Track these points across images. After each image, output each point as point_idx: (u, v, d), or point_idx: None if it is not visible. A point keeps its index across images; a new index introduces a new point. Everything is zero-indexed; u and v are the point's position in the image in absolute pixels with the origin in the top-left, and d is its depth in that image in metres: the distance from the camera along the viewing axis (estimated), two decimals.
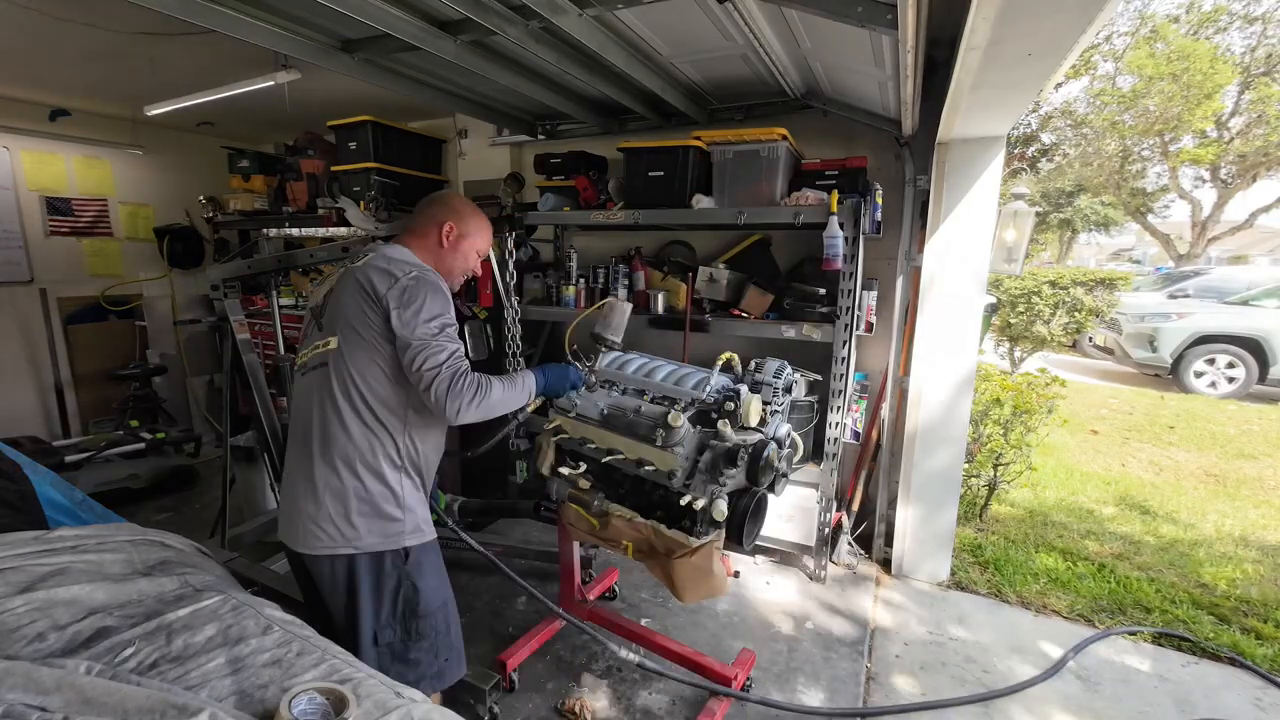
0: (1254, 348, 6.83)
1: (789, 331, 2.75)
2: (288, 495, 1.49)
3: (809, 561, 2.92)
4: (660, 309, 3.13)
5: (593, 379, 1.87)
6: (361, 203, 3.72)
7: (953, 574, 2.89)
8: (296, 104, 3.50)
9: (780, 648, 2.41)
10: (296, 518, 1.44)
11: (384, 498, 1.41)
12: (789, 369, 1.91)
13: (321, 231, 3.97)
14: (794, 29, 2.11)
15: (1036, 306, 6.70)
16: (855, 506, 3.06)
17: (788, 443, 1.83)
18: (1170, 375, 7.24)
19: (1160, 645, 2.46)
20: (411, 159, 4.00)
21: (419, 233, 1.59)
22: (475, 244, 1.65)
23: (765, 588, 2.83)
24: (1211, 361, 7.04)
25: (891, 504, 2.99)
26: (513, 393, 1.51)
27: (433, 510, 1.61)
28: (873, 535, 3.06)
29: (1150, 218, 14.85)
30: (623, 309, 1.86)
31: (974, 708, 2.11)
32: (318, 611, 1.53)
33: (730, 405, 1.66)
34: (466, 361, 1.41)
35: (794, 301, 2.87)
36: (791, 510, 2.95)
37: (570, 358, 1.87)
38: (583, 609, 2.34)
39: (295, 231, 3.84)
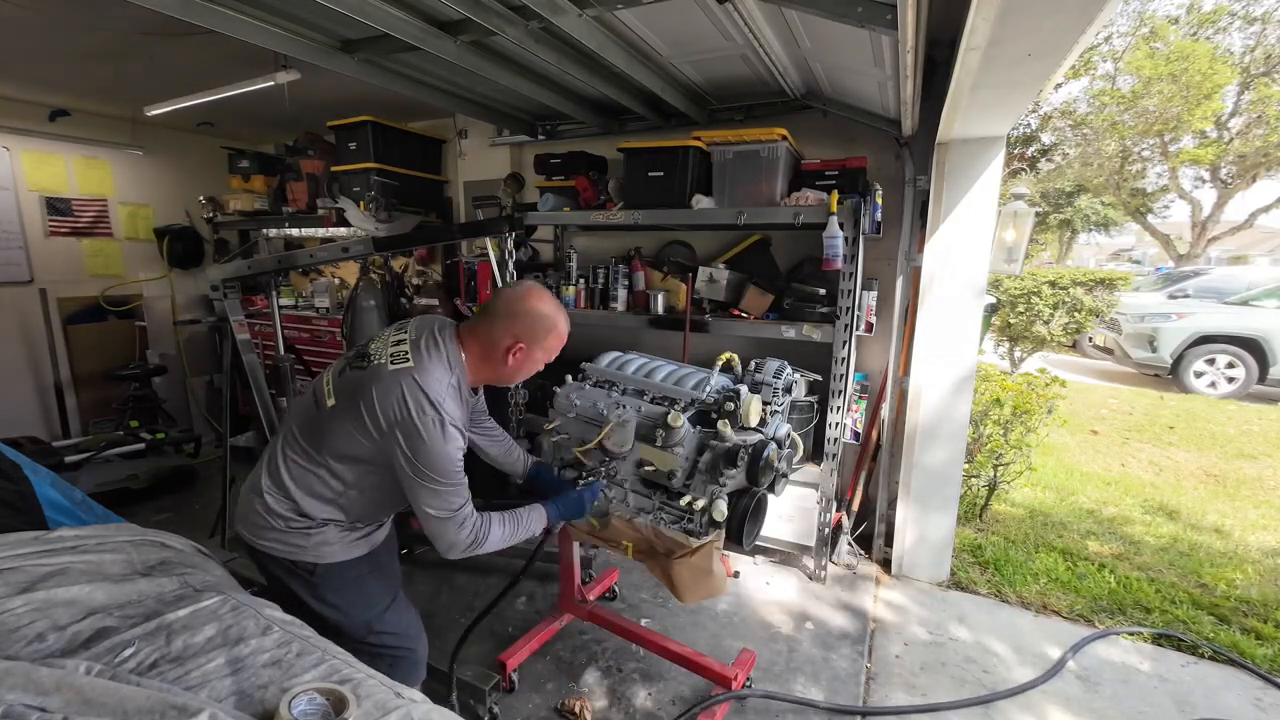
0: (1254, 348, 6.83)
1: (789, 332, 2.75)
2: (247, 482, 1.57)
3: (809, 561, 2.92)
4: (660, 309, 3.13)
5: (604, 497, 1.81)
6: (361, 203, 3.73)
7: (953, 574, 2.89)
8: (296, 104, 3.50)
9: (780, 648, 2.41)
10: (243, 514, 1.52)
11: (290, 521, 1.45)
12: (789, 369, 1.92)
13: (321, 231, 3.98)
14: (794, 29, 2.11)
15: (1036, 307, 6.70)
16: (855, 506, 3.06)
17: (788, 443, 1.83)
18: (1170, 375, 7.24)
19: (1160, 645, 2.46)
20: (411, 159, 4.00)
21: (483, 340, 1.46)
22: (541, 358, 1.52)
23: (765, 588, 2.83)
24: (1211, 361, 7.04)
25: (891, 504, 2.99)
26: (515, 532, 1.51)
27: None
28: (873, 535, 3.06)
29: (1150, 218, 14.85)
30: (628, 429, 1.76)
31: (974, 708, 2.11)
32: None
33: (730, 405, 1.66)
34: (469, 505, 1.41)
35: (794, 302, 2.87)
36: (791, 510, 2.95)
37: (584, 475, 1.80)
38: (583, 609, 2.34)
39: (295, 231, 3.86)
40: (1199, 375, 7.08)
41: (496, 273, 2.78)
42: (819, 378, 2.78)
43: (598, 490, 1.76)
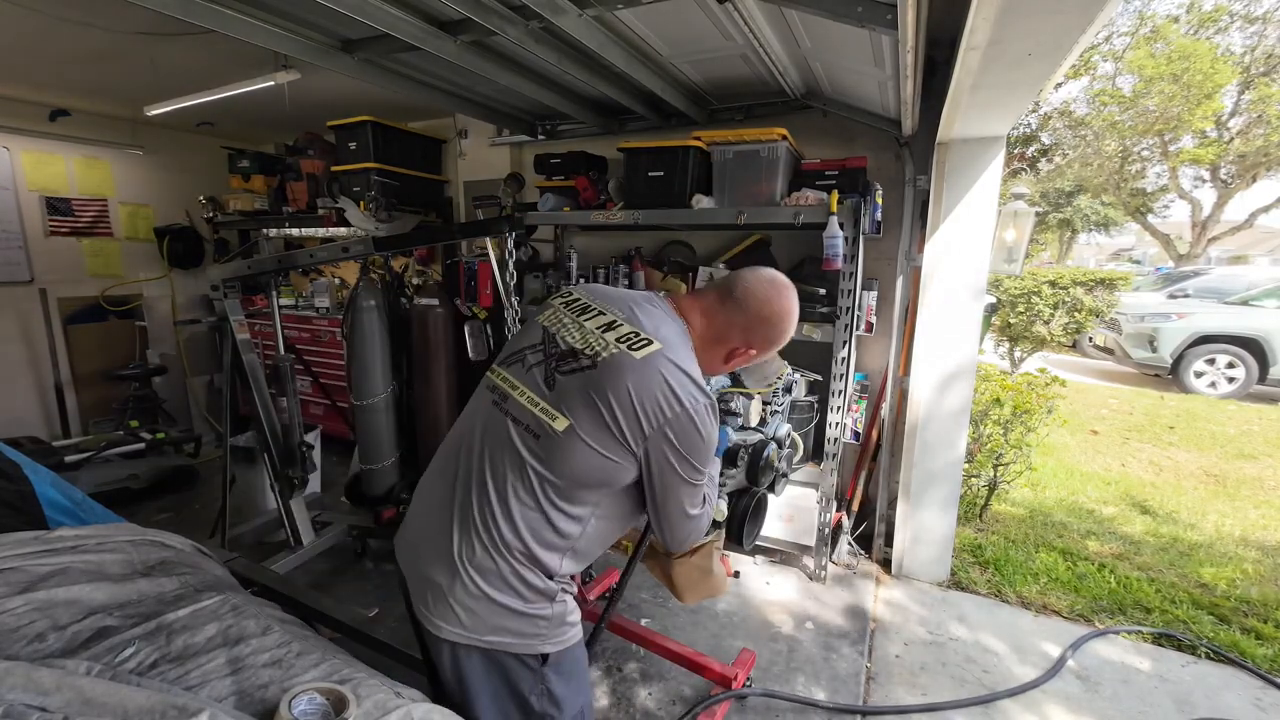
0: (1254, 348, 6.83)
1: None
2: (418, 543, 1.21)
3: (809, 561, 2.92)
4: None
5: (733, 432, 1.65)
6: (361, 203, 3.73)
7: (953, 574, 2.89)
8: (296, 104, 3.50)
9: (780, 647, 2.41)
10: (426, 582, 1.16)
11: (533, 591, 1.11)
12: (789, 369, 1.92)
13: (321, 231, 3.98)
14: (794, 29, 2.11)
15: (1036, 306, 6.70)
16: (855, 506, 3.06)
17: (788, 442, 1.83)
18: (1170, 375, 7.24)
19: (1160, 645, 2.46)
20: (411, 159, 4.00)
21: (715, 326, 1.20)
22: (758, 358, 1.29)
23: (765, 587, 2.83)
24: (1211, 361, 7.03)
25: (891, 504, 2.99)
26: (714, 492, 1.27)
27: None
28: (873, 535, 3.06)
29: (1150, 218, 14.86)
30: (775, 363, 1.65)
31: (974, 707, 2.11)
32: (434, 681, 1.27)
33: (730, 405, 1.66)
34: (707, 500, 1.20)
35: None
36: (791, 510, 2.95)
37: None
38: (583, 609, 2.33)
39: (295, 231, 3.85)
40: (1199, 375, 7.08)
41: (496, 273, 2.78)
42: (819, 378, 2.78)
43: (727, 431, 1.59)
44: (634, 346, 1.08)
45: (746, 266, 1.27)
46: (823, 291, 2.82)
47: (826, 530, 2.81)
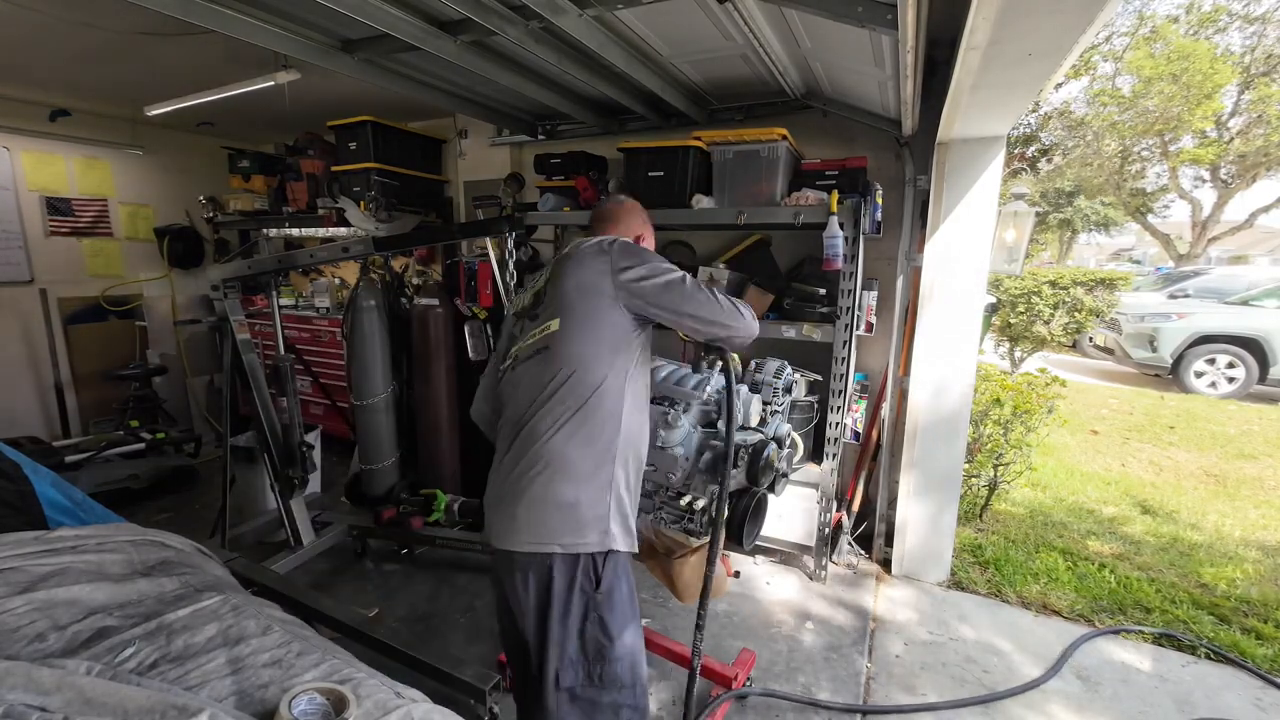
0: (1254, 348, 6.82)
1: (789, 331, 2.75)
2: (496, 497, 1.38)
3: (809, 561, 2.92)
4: None
5: None
6: (361, 203, 3.73)
7: (953, 574, 2.89)
8: (296, 104, 3.50)
9: (780, 648, 2.41)
10: (505, 510, 1.34)
11: (600, 488, 1.29)
12: (789, 369, 1.92)
13: (321, 231, 3.98)
14: (794, 29, 2.11)
15: (1036, 306, 6.70)
16: (855, 506, 3.06)
17: (788, 443, 1.83)
18: (1170, 375, 7.24)
19: (1160, 645, 2.46)
20: (411, 159, 4.00)
21: (609, 233, 1.54)
22: (647, 240, 1.65)
23: (765, 588, 2.83)
24: (1212, 361, 7.03)
25: (891, 504, 2.99)
26: (746, 307, 1.52)
27: (432, 510, 1.60)
28: (873, 535, 3.06)
29: (1150, 218, 14.86)
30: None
31: (974, 707, 2.11)
32: (511, 631, 1.41)
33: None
34: (701, 287, 1.39)
35: (794, 301, 2.87)
36: (791, 510, 2.95)
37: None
38: None
39: (295, 231, 3.85)
40: (1199, 375, 7.08)
41: (496, 273, 2.78)
42: (819, 378, 2.78)
43: None
44: (563, 253, 1.45)
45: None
46: (823, 291, 2.82)
47: (827, 530, 2.81)
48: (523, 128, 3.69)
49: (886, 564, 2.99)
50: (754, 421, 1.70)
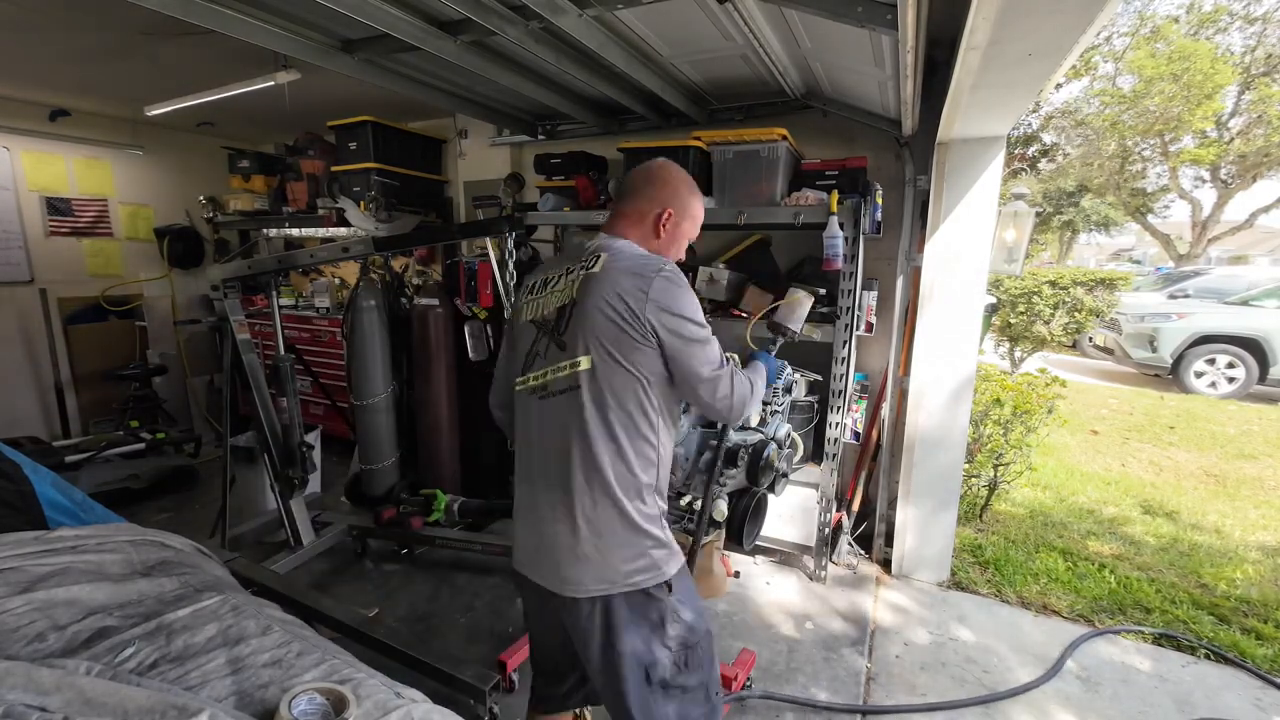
0: (1254, 348, 6.82)
1: None
2: (532, 530, 1.30)
3: (809, 561, 2.92)
4: None
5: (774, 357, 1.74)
6: (361, 203, 3.73)
7: (953, 574, 2.89)
8: (296, 104, 3.50)
9: (780, 648, 2.41)
10: (548, 560, 1.26)
11: (648, 522, 1.24)
12: (789, 369, 1.92)
13: (321, 231, 3.98)
14: (794, 29, 2.11)
15: (1037, 306, 6.70)
16: (855, 506, 3.06)
17: (788, 443, 1.83)
18: (1170, 375, 7.24)
19: (1160, 645, 2.46)
20: (411, 159, 4.00)
21: (633, 218, 1.35)
22: (690, 230, 1.42)
23: (765, 588, 2.83)
24: (1211, 361, 7.03)
25: (891, 504, 2.99)
26: (756, 382, 1.40)
27: (432, 510, 1.58)
28: (873, 535, 3.06)
29: (1150, 218, 14.85)
30: (806, 302, 1.77)
31: (974, 707, 2.11)
32: (548, 648, 1.41)
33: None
34: (727, 362, 1.30)
35: None
36: (791, 510, 2.95)
37: (755, 346, 1.74)
38: None
39: (295, 231, 3.86)
40: (1199, 375, 7.08)
41: (496, 273, 2.78)
42: (819, 378, 2.77)
43: (774, 359, 1.68)
44: (591, 266, 1.24)
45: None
46: (823, 291, 2.80)
47: (826, 530, 2.81)
48: (523, 128, 3.69)
49: (886, 564, 2.99)
50: (754, 422, 1.70)
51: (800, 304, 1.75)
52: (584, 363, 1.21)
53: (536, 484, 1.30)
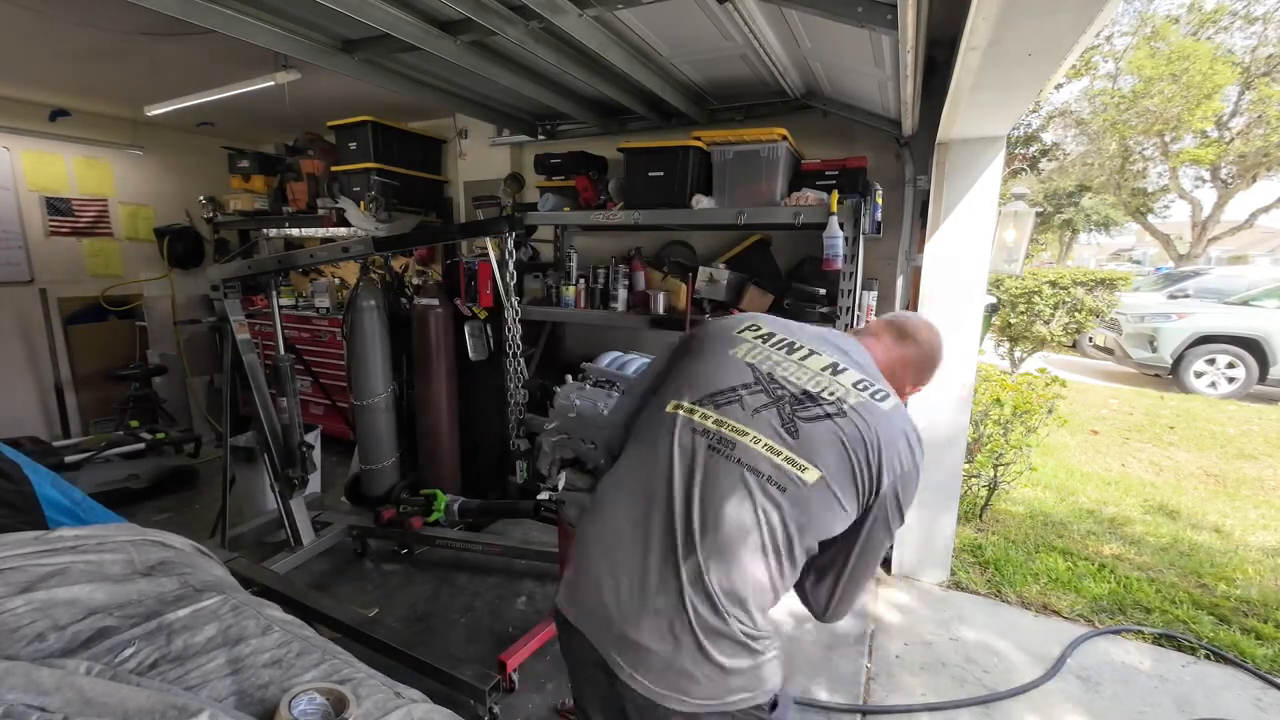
0: (1254, 348, 6.83)
1: None
2: (610, 582, 1.05)
3: None
4: (660, 309, 3.13)
5: None
6: (361, 203, 3.73)
7: (953, 574, 2.89)
8: (296, 104, 3.51)
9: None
10: (628, 640, 1.01)
11: (759, 639, 1.03)
12: None
13: (321, 231, 3.98)
14: (794, 29, 2.11)
15: (1037, 306, 6.70)
16: None
17: None
18: (1170, 375, 7.24)
19: (1160, 645, 2.46)
20: (411, 159, 4.00)
21: (900, 365, 1.26)
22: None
23: None
24: (1212, 361, 7.03)
25: None
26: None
27: (432, 510, 1.52)
28: None
29: (1150, 218, 14.86)
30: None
31: (974, 707, 2.11)
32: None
33: None
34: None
35: (794, 301, 2.87)
36: None
37: None
38: None
39: (295, 231, 3.85)
40: (1199, 375, 7.08)
41: (497, 273, 2.77)
42: None
43: None
44: (876, 397, 1.06)
45: (899, 312, 1.33)
46: (823, 291, 2.82)
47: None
48: (523, 128, 3.69)
49: (886, 564, 2.99)
50: None
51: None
52: (809, 474, 1.00)
53: (641, 536, 1.04)
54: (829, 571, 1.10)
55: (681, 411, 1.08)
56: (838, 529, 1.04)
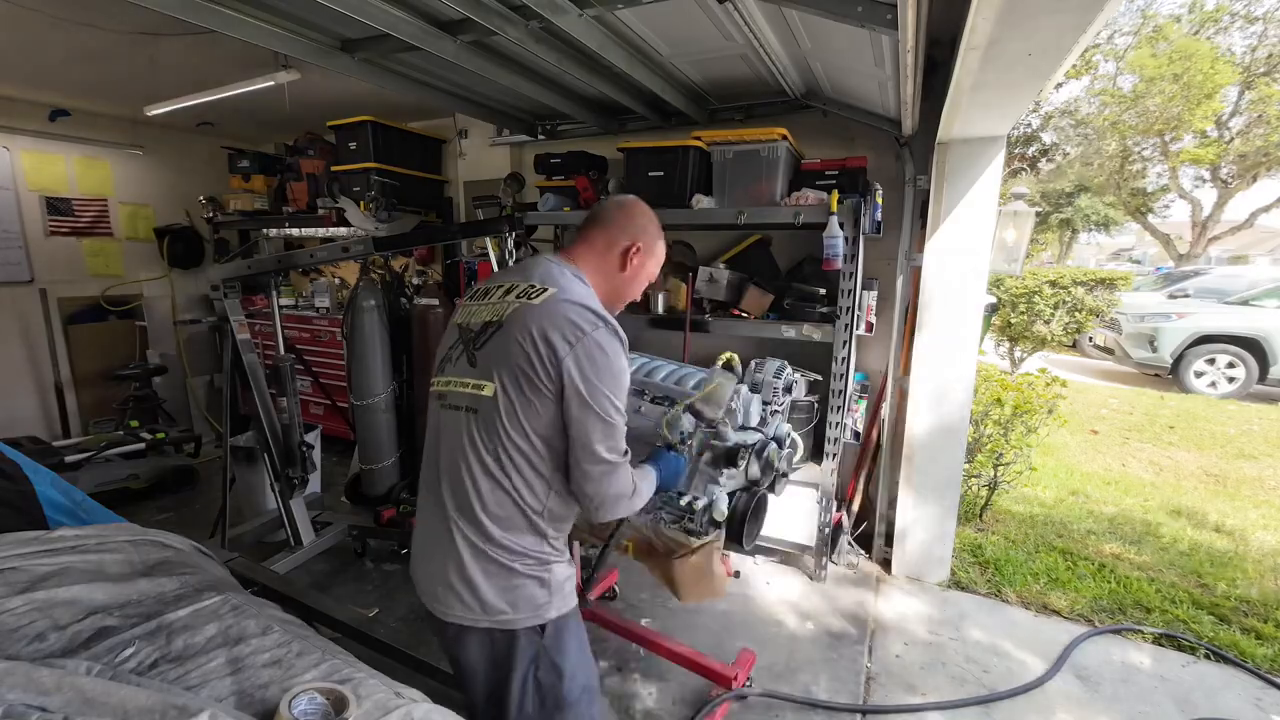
0: (1254, 348, 6.83)
1: (789, 331, 2.75)
2: (421, 548, 1.27)
3: (809, 561, 2.92)
4: (660, 309, 3.13)
5: (687, 456, 1.61)
6: (361, 203, 3.73)
7: (953, 574, 2.89)
8: (296, 104, 3.50)
9: (781, 647, 2.41)
10: (431, 576, 1.22)
11: (522, 561, 1.17)
12: (789, 369, 1.91)
13: (321, 231, 3.98)
14: (794, 29, 2.11)
15: (1037, 306, 6.70)
16: (855, 506, 3.06)
17: (788, 443, 1.83)
18: (1170, 375, 7.24)
19: (1160, 645, 2.46)
20: (411, 159, 4.00)
21: (598, 249, 1.31)
22: (653, 270, 1.39)
23: (766, 588, 2.83)
24: (1211, 361, 7.03)
25: (891, 504, 2.99)
26: (650, 487, 1.31)
27: None
28: (873, 535, 3.06)
29: (1150, 218, 14.85)
30: (727, 387, 1.67)
31: (974, 707, 2.11)
32: (464, 699, 1.31)
33: (731, 405, 1.66)
34: (628, 454, 1.21)
35: (794, 301, 2.87)
36: (792, 510, 2.95)
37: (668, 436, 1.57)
38: (583, 609, 2.33)
39: (295, 231, 3.85)
40: (1199, 375, 7.08)
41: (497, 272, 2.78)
42: (819, 378, 2.78)
43: (685, 460, 1.56)
44: (532, 296, 1.18)
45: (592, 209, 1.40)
46: (823, 291, 2.82)
47: (827, 530, 2.81)
48: (523, 128, 3.68)
49: (887, 564, 2.99)
50: (754, 421, 1.70)
51: (719, 391, 1.63)
52: (487, 388, 1.14)
53: (425, 497, 1.25)
54: (571, 459, 1.17)
55: (432, 387, 1.29)
56: (546, 420, 1.14)
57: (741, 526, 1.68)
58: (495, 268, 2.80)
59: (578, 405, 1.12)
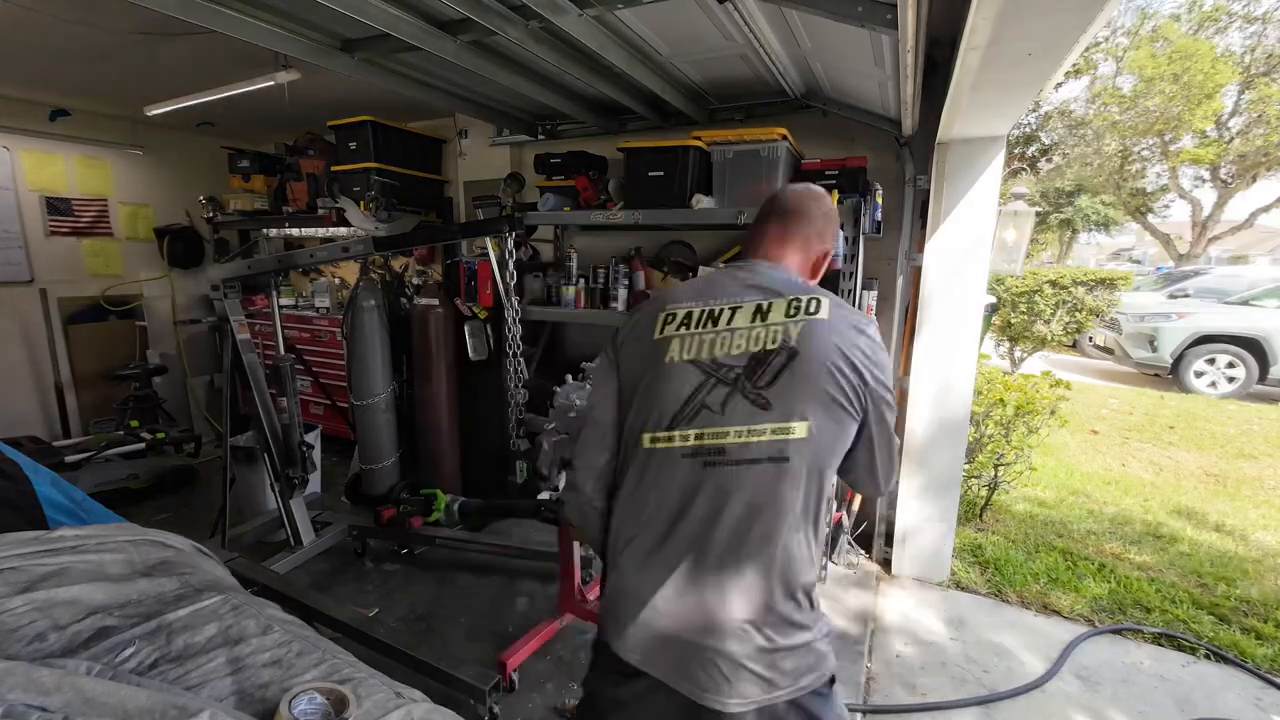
0: (1254, 347, 6.83)
1: None
2: (666, 621, 1.02)
3: None
4: None
5: None
6: (361, 203, 3.73)
7: (953, 574, 2.89)
8: (296, 104, 3.50)
9: None
10: (702, 659, 1.00)
11: (813, 612, 1.05)
12: None
13: (321, 231, 3.98)
14: (794, 29, 2.11)
15: (1037, 306, 6.71)
16: (855, 506, 3.06)
17: None
18: (1170, 375, 7.24)
19: (1160, 645, 2.46)
20: (411, 159, 4.00)
21: (797, 245, 1.16)
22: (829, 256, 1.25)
23: None
24: (1212, 361, 7.04)
25: (892, 504, 2.99)
26: None
27: (432, 510, 1.52)
28: (873, 535, 3.06)
29: (1150, 218, 14.86)
30: None
31: (974, 707, 2.11)
32: None
33: None
34: None
35: None
36: None
37: None
38: (583, 609, 2.34)
39: (295, 231, 3.85)
40: (1199, 375, 7.08)
41: (497, 273, 2.77)
42: None
43: None
44: (811, 311, 1.02)
45: (773, 197, 1.22)
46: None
47: (827, 530, 2.81)
48: (523, 128, 3.69)
49: (887, 564, 2.99)
50: None
51: None
52: (799, 430, 0.98)
53: (678, 565, 1.02)
54: (866, 465, 1.09)
55: (659, 444, 1.05)
56: (847, 445, 1.05)
57: None
58: (495, 268, 2.80)
59: (881, 411, 1.04)
